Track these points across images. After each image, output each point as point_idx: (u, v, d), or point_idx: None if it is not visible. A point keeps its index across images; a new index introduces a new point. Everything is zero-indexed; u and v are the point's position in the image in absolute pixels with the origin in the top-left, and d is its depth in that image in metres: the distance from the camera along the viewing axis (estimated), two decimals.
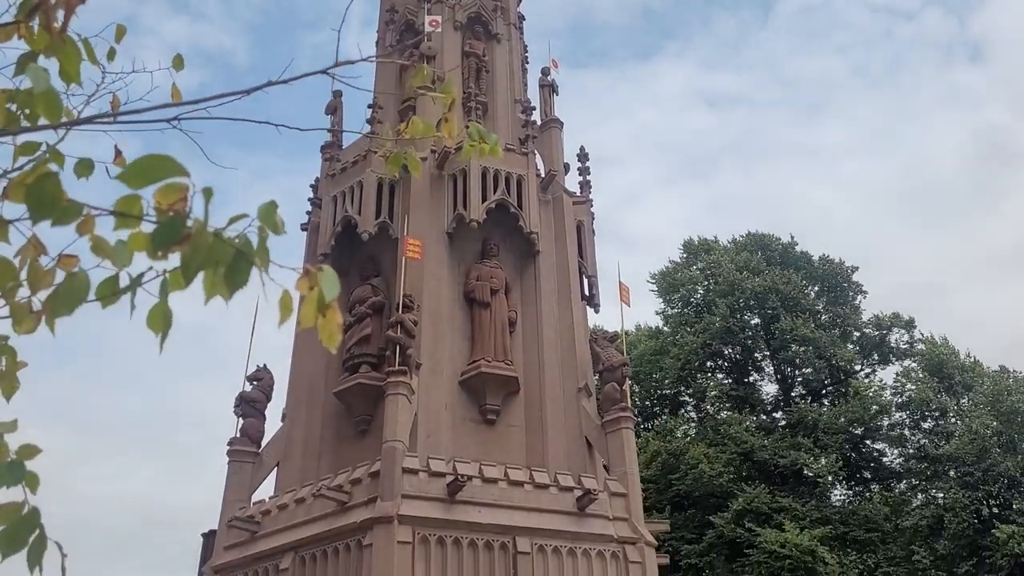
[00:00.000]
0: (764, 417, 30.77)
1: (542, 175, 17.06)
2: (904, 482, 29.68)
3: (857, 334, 31.93)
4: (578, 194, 18.20)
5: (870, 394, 29.21)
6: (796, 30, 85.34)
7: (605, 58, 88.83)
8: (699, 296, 32.65)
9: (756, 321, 31.54)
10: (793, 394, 31.43)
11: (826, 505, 28.02)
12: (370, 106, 17.43)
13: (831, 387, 31.17)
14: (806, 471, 28.11)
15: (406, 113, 16.94)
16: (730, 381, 32.19)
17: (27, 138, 2.21)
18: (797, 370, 31.31)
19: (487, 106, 18.34)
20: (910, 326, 31.65)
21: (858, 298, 32.77)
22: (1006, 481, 26.26)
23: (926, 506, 27.54)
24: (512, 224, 16.01)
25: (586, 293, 17.32)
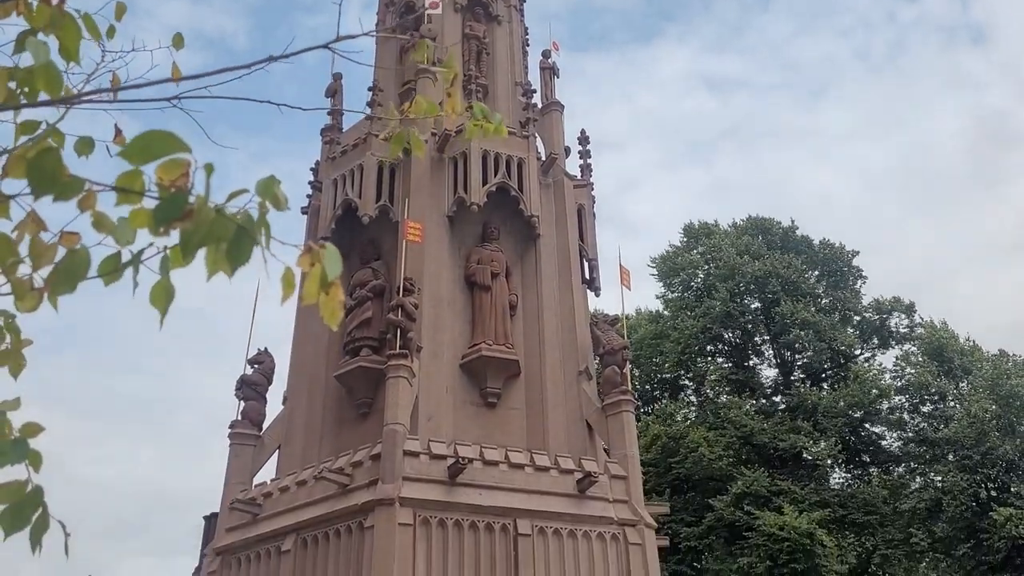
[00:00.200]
0: (764, 401, 30.83)
1: (543, 158, 17.01)
2: (903, 465, 29.80)
3: (857, 318, 31.94)
4: (579, 178, 18.15)
5: (869, 378, 29.23)
6: (798, 13, 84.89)
7: (605, 41, 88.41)
8: (699, 280, 32.62)
9: (756, 305, 31.54)
10: (793, 378, 31.47)
11: (825, 488, 28.13)
12: (370, 89, 17.36)
13: (831, 371, 31.21)
14: (805, 454, 28.22)
15: (406, 96, 16.86)
16: (730, 365, 32.23)
17: (28, 117, 2.19)
18: (797, 354, 31.34)
19: (488, 89, 18.24)
20: (910, 310, 31.66)
21: (858, 282, 32.78)
22: (1004, 464, 26.36)
23: (924, 489, 27.66)
24: (513, 207, 15.98)
25: (586, 277, 17.30)
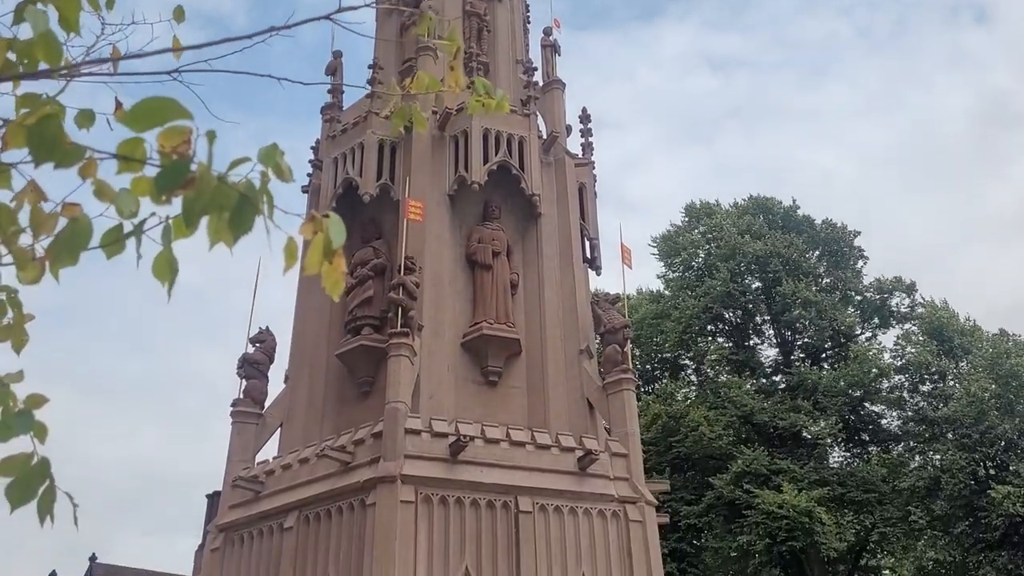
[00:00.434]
0: (764, 380, 30.88)
1: (544, 137, 16.93)
2: (902, 444, 29.89)
3: (858, 298, 31.90)
4: (580, 156, 18.08)
5: (870, 357, 29.28)
6: None
7: (607, 19, 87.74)
8: (700, 260, 32.56)
9: (757, 285, 31.50)
10: (793, 357, 31.50)
11: (824, 467, 28.26)
12: (371, 66, 17.26)
13: (831, 351, 31.24)
14: (805, 433, 28.32)
15: (407, 74, 16.75)
16: (730, 345, 32.26)
17: (27, 89, 2.18)
18: (797, 334, 31.34)
19: (488, 66, 18.13)
20: (911, 290, 31.62)
21: (859, 262, 32.73)
22: (1003, 443, 26.45)
23: (923, 468, 27.77)
24: (514, 186, 15.92)
25: (587, 255, 17.28)
